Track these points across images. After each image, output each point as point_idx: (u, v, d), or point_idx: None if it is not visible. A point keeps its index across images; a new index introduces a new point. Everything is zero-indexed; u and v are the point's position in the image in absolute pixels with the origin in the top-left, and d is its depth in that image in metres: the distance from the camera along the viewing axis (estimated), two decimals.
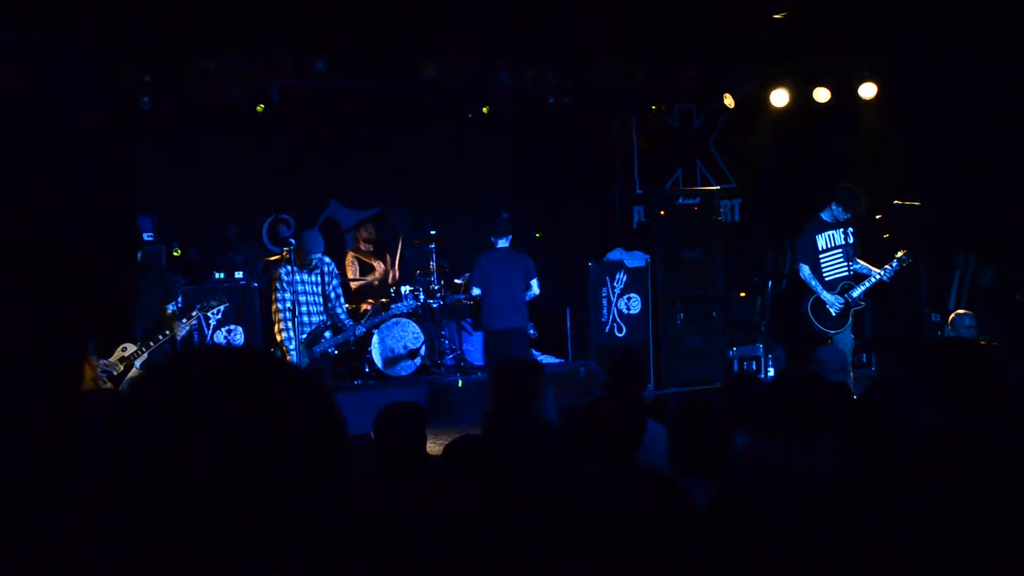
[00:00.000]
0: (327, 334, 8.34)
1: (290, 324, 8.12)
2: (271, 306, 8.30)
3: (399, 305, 9.20)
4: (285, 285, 8.12)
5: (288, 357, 7.94)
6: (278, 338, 8.18)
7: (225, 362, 1.16)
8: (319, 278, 8.25)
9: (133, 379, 6.95)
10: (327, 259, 8.43)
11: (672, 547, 2.09)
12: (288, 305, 8.12)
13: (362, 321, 8.68)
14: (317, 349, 8.23)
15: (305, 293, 8.19)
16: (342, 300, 8.50)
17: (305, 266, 8.14)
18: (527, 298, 9.14)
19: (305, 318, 8.18)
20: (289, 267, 8.14)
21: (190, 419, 1.07)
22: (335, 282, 8.39)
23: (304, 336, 8.15)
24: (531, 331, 9.59)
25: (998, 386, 1.98)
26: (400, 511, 2.44)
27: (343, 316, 8.43)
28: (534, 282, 9.13)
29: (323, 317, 8.30)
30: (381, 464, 4.08)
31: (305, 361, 8.07)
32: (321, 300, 8.28)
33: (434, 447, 5.16)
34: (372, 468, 4.27)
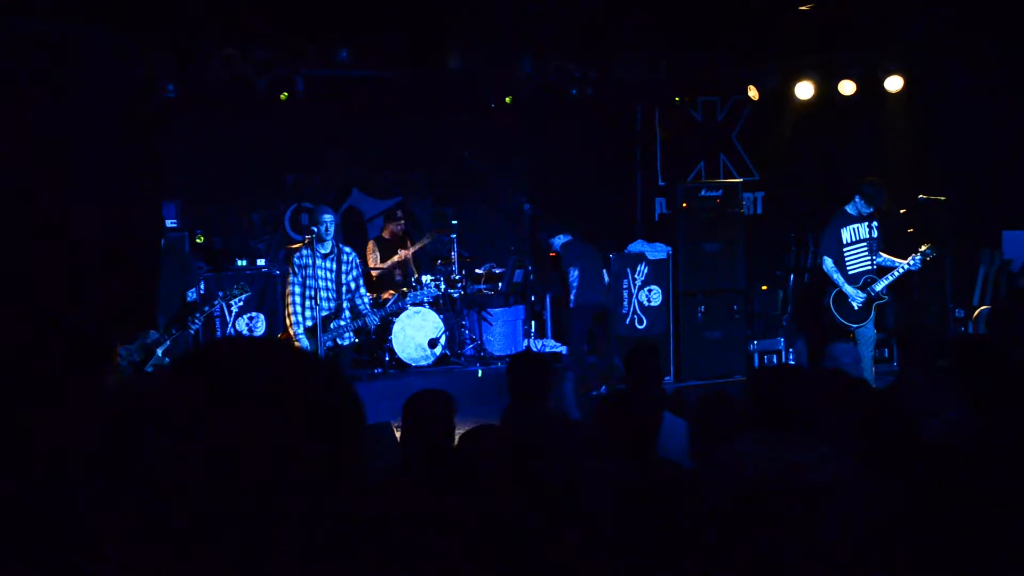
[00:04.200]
0: (341, 322, 8.16)
1: (299, 309, 8.00)
2: (285, 292, 8.22)
3: (416, 294, 9.14)
4: (297, 270, 7.99)
5: (296, 343, 7.82)
6: (287, 322, 8.04)
7: (243, 354, 1.17)
8: (334, 265, 8.10)
9: (157, 368, 6.99)
10: (347, 248, 8.26)
11: (688, 538, 2.09)
12: (299, 291, 7.98)
13: (375, 310, 8.54)
14: (328, 336, 8.05)
15: (319, 279, 8.04)
16: (363, 291, 8.34)
17: (319, 240, 8.01)
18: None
19: (315, 303, 8.00)
20: (304, 252, 8.03)
21: (210, 412, 1.08)
22: (355, 272, 8.21)
23: (312, 323, 7.98)
24: None
25: (1015, 383, 1.97)
26: (428, 497, 2.45)
27: (362, 308, 8.23)
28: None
29: (334, 304, 8.13)
30: (409, 451, 4.09)
31: (312, 348, 7.91)
32: (335, 287, 8.11)
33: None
34: (399, 455, 4.28)
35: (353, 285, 8.20)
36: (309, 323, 7.99)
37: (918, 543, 1.53)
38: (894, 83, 10.41)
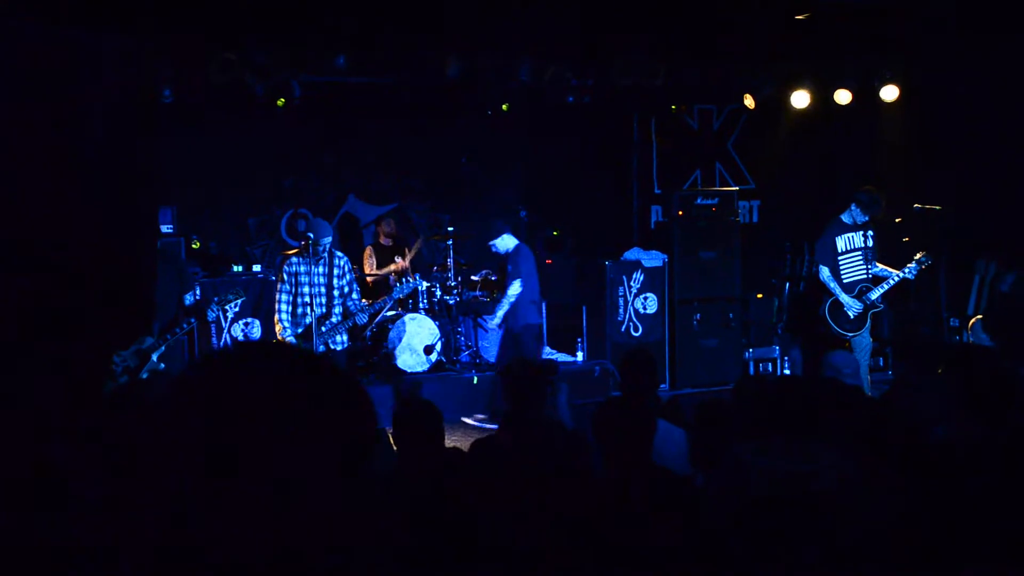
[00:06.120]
0: (333, 320, 8.07)
1: (284, 316, 7.92)
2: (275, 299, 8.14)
3: (397, 289, 8.95)
4: (286, 277, 7.92)
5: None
6: (276, 329, 7.95)
7: (256, 356, 1.17)
8: (325, 268, 8.02)
9: (152, 373, 6.99)
10: (339, 253, 8.20)
11: (684, 545, 2.09)
12: (286, 298, 7.91)
13: (364, 309, 8.44)
14: (320, 339, 7.98)
15: (310, 284, 7.96)
16: (356, 296, 8.27)
17: (314, 255, 7.93)
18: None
19: (307, 309, 7.92)
20: (293, 260, 7.97)
21: (228, 415, 1.08)
22: (349, 277, 8.14)
23: (302, 329, 7.92)
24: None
25: (1014, 392, 1.98)
26: (418, 503, 2.45)
27: (352, 307, 8.13)
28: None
29: (324, 310, 8.04)
30: (400, 458, 4.10)
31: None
32: (325, 292, 8.03)
33: (448, 443, 5.18)
34: (395, 460, 4.29)
35: (347, 289, 8.11)
36: (299, 329, 7.92)
37: (922, 547, 1.53)
38: (890, 92, 10.44)
